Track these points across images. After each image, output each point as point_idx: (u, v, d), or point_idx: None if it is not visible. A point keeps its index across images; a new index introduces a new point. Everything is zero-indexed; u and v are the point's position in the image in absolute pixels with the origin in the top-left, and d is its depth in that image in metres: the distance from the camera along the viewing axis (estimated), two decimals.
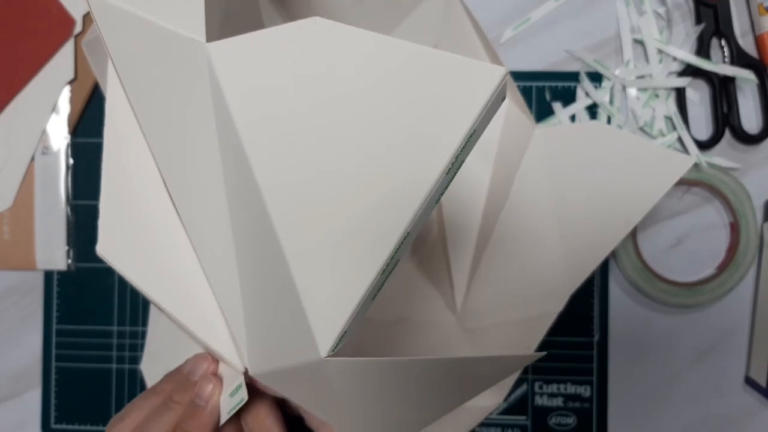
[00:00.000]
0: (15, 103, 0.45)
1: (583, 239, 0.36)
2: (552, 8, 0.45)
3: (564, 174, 0.37)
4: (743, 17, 0.45)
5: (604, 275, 0.44)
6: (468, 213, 0.35)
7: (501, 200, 0.38)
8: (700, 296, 0.43)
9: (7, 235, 0.45)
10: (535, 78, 0.45)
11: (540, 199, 0.37)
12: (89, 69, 0.45)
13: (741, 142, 0.44)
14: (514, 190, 0.38)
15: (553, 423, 0.44)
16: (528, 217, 0.37)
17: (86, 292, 0.46)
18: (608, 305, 0.44)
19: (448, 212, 0.37)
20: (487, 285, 0.37)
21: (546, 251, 0.37)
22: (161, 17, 0.22)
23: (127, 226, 0.25)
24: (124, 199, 0.25)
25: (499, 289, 0.37)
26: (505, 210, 0.38)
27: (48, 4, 0.44)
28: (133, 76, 0.24)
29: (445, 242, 0.37)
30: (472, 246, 0.36)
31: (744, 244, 0.43)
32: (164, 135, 0.24)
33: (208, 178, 0.23)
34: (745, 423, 0.44)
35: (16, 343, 0.46)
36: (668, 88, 0.44)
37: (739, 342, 0.44)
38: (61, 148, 0.45)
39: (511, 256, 0.37)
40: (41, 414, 0.46)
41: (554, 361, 0.44)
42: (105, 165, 0.25)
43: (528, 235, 0.37)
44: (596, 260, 0.35)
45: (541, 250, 0.37)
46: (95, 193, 0.46)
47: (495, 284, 0.37)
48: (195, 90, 0.22)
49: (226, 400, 0.26)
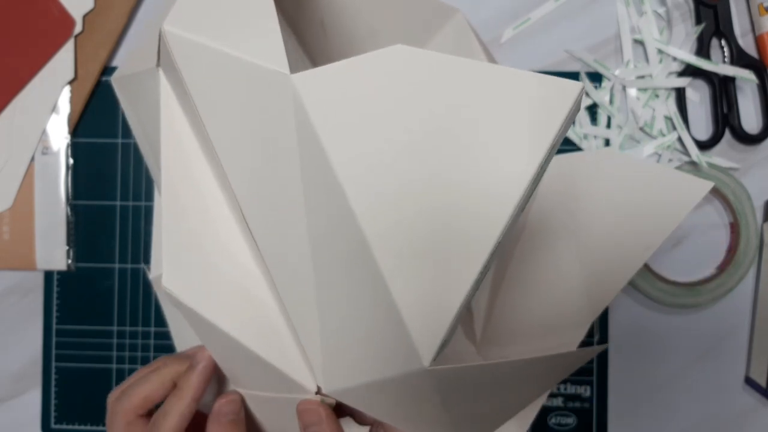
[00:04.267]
0: (15, 103, 0.45)
1: (602, 266, 0.36)
2: (552, 8, 0.45)
3: (581, 201, 0.37)
4: (743, 17, 0.45)
5: None
6: None
7: (518, 229, 0.38)
8: (700, 296, 0.43)
9: (7, 235, 0.45)
10: None
11: (557, 227, 0.37)
12: (89, 69, 0.45)
13: (741, 142, 0.44)
14: (531, 218, 0.38)
15: (553, 423, 0.44)
16: (546, 246, 0.37)
17: (86, 292, 0.46)
18: (608, 305, 0.44)
19: None
20: (506, 314, 0.37)
21: (565, 280, 0.37)
22: (242, 51, 0.22)
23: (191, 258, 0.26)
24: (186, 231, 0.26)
25: (519, 317, 0.37)
26: (522, 239, 0.38)
27: (48, 4, 0.44)
28: (211, 108, 0.24)
29: None
30: (490, 275, 0.36)
31: (744, 244, 0.43)
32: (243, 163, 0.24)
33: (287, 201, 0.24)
34: (745, 423, 0.44)
35: (16, 343, 0.46)
36: (668, 88, 0.44)
37: (739, 342, 0.44)
38: (61, 148, 0.45)
39: (530, 285, 0.37)
40: (41, 414, 0.46)
41: None
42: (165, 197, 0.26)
43: (546, 263, 0.37)
44: (617, 287, 0.35)
45: (560, 278, 0.37)
46: (95, 193, 0.46)
47: (514, 313, 0.37)
48: (277, 119, 0.22)
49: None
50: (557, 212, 0.37)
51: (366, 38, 0.38)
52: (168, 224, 0.26)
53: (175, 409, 0.27)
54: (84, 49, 0.45)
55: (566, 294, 0.37)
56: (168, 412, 0.27)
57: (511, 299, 0.38)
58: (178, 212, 0.26)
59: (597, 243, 0.36)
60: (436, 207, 0.21)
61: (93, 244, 0.46)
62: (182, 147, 0.26)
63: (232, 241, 0.27)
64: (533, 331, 0.37)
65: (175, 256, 0.25)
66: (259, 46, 0.22)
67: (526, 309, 0.37)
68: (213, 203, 0.27)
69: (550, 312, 0.37)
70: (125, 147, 0.46)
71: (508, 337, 0.37)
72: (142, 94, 0.29)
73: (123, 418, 0.29)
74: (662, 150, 0.44)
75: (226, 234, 0.27)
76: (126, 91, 0.31)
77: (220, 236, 0.27)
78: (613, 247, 0.36)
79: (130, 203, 0.46)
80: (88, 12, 0.44)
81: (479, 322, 0.37)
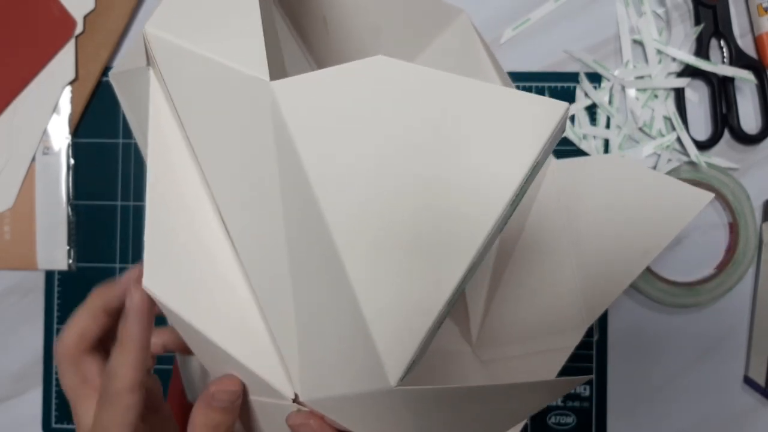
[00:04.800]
0: (16, 103, 0.45)
1: (600, 271, 0.36)
2: (551, 9, 0.45)
3: (581, 206, 0.37)
4: (742, 18, 0.45)
5: None
6: None
7: (516, 231, 0.38)
8: (699, 296, 0.43)
9: (8, 235, 0.45)
10: (534, 78, 0.45)
11: (557, 231, 0.37)
12: (90, 69, 0.45)
13: (740, 143, 0.44)
14: (530, 222, 0.38)
15: (552, 422, 0.44)
16: (544, 249, 0.37)
17: (87, 292, 0.46)
18: None
19: None
20: (503, 316, 0.37)
21: (563, 283, 0.37)
22: (222, 55, 0.22)
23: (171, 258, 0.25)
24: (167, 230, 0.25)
25: (516, 320, 0.37)
26: (521, 241, 0.38)
27: (49, 5, 0.44)
28: (190, 111, 0.24)
29: None
30: (487, 276, 0.36)
31: (743, 244, 0.43)
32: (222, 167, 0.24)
33: (266, 206, 0.24)
34: (745, 423, 0.45)
35: (16, 343, 0.46)
36: (667, 88, 0.44)
37: (738, 342, 0.45)
38: (62, 148, 0.45)
39: (528, 287, 0.37)
40: (42, 413, 0.46)
41: None
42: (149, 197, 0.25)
43: (544, 267, 0.37)
44: (614, 293, 0.35)
45: (558, 282, 0.37)
46: (96, 193, 0.46)
47: (511, 315, 0.37)
48: (256, 125, 0.22)
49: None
50: (557, 215, 0.38)
51: (368, 36, 0.38)
52: (150, 223, 0.25)
53: (121, 363, 0.25)
54: (85, 50, 0.45)
55: (563, 297, 0.37)
56: (116, 368, 0.25)
57: (508, 300, 0.38)
58: (161, 212, 0.25)
59: (596, 248, 0.36)
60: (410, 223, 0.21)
61: (94, 244, 0.46)
62: (167, 145, 0.26)
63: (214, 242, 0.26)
64: (529, 332, 0.37)
65: (155, 256, 0.25)
66: (241, 51, 0.22)
67: (522, 310, 0.37)
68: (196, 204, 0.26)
69: (546, 314, 0.37)
70: (126, 147, 0.46)
71: (504, 338, 0.37)
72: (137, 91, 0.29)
73: (63, 358, 0.27)
74: (661, 150, 0.44)
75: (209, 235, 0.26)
76: (123, 88, 0.31)
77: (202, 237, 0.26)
78: (612, 253, 0.36)
79: (130, 203, 0.46)
80: (89, 12, 0.45)
81: (476, 322, 0.37)
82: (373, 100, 0.21)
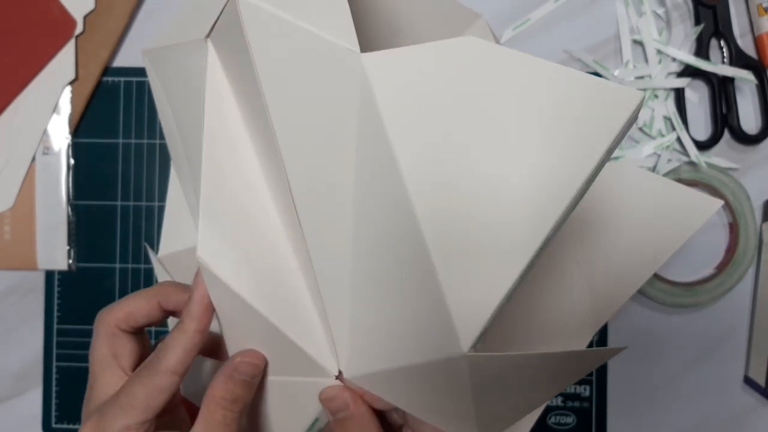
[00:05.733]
0: (16, 103, 0.45)
1: (608, 278, 0.36)
2: (551, 9, 0.45)
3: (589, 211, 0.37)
4: (742, 18, 0.45)
5: None
6: None
7: None
8: (698, 296, 0.43)
9: (8, 235, 0.45)
10: None
11: (564, 235, 0.37)
12: (90, 69, 0.45)
13: (740, 143, 0.44)
14: None
15: (552, 422, 0.44)
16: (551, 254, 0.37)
17: (87, 292, 0.46)
18: None
19: None
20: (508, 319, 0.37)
21: (570, 289, 0.37)
22: (315, 26, 0.23)
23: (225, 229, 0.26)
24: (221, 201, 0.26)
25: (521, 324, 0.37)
26: None
27: (49, 5, 0.44)
28: (275, 79, 0.24)
29: None
30: None
31: (743, 244, 0.43)
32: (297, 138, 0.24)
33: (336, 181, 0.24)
34: (745, 423, 0.45)
35: (17, 343, 0.46)
36: (667, 88, 0.44)
37: (738, 342, 0.45)
38: (62, 149, 0.45)
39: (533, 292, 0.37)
40: (42, 414, 0.46)
41: None
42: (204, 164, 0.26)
43: (551, 272, 0.37)
44: (622, 299, 0.35)
45: (565, 287, 0.37)
46: (96, 193, 0.46)
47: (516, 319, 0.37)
48: (342, 96, 0.23)
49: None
50: None
51: (387, 37, 0.38)
52: (206, 194, 0.25)
53: (176, 341, 0.25)
54: (85, 50, 0.45)
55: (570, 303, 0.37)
56: (170, 345, 0.26)
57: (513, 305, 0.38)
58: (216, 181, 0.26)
59: (604, 255, 0.36)
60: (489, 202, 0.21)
61: (94, 244, 0.46)
62: (224, 118, 0.27)
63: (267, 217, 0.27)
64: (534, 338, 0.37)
65: (210, 226, 0.25)
66: (331, 23, 0.22)
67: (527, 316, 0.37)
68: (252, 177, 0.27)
69: (554, 321, 0.37)
70: (126, 147, 0.46)
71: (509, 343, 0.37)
72: (178, 66, 0.29)
73: (104, 328, 0.28)
74: (661, 150, 0.44)
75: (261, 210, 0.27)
76: (158, 64, 0.31)
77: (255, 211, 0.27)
78: (620, 260, 0.36)
79: (130, 203, 0.46)
80: (89, 12, 0.45)
81: None
82: (461, 81, 0.21)
